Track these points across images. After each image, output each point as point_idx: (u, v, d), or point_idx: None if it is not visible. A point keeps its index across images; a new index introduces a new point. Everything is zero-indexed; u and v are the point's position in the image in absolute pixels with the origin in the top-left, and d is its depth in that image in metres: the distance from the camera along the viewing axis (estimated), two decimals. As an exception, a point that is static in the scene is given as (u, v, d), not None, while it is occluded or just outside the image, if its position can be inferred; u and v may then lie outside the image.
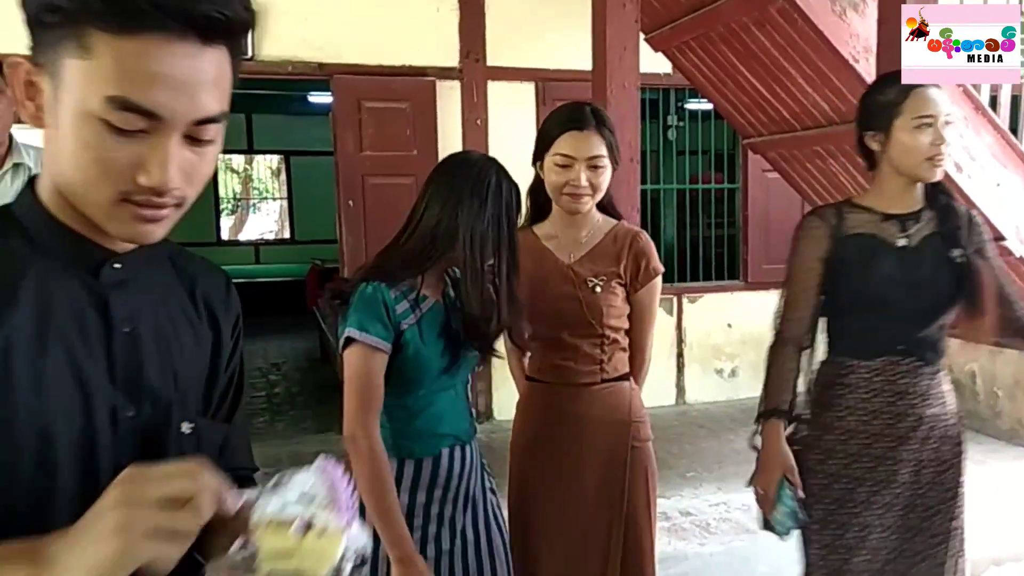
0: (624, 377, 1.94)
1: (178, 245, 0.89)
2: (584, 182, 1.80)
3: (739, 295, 5.66)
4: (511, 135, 4.61)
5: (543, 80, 5.02)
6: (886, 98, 1.75)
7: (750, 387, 5.59)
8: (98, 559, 0.61)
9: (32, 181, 0.80)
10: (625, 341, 1.94)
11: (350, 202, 4.71)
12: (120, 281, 0.80)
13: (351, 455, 1.54)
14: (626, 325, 1.93)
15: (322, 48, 4.62)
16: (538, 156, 1.89)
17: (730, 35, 3.64)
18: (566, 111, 1.88)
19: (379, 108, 4.69)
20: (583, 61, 4.51)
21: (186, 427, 0.83)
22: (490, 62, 4.93)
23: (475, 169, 1.64)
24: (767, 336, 1.90)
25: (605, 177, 1.84)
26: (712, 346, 5.62)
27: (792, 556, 1.88)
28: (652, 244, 1.93)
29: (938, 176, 1.75)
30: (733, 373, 5.65)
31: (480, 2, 4.85)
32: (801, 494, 1.80)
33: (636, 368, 1.98)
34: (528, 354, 1.99)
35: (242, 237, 12.10)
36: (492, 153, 4.84)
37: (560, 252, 1.91)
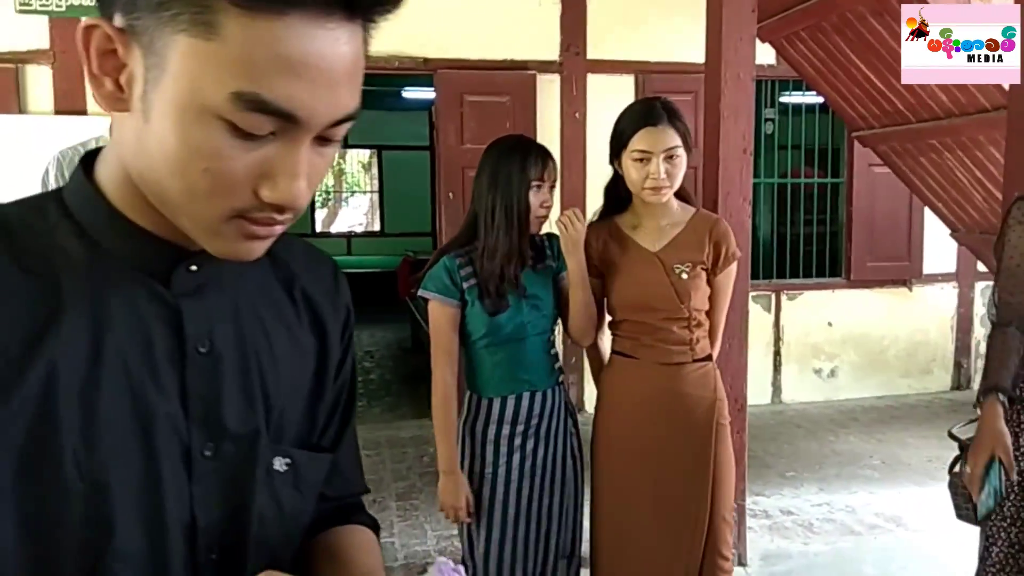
0: (709, 357, 2.05)
1: None
2: (662, 174, 1.91)
3: (841, 293, 5.49)
4: (609, 128, 4.59)
5: (643, 72, 5.00)
6: None
7: (850, 388, 5.44)
8: None
9: (88, 164, 0.63)
10: (707, 323, 2.04)
11: (450, 194, 4.80)
12: (196, 287, 0.64)
13: (432, 384, 1.94)
14: (707, 307, 2.03)
15: (427, 44, 4.72)
16: (615, 155, 2.01)
17: (844, 25, 3.53)
18: (638, 109, 2.00)
19: (480, 102, 4.76)
20: (684, 53, 4.48)
21: (280, 464, 0.68)
22: (590, 55, 4.94)
23: (490, 147, 1.96)
24: (870, 336, 1.88)
25: (681, 166, 1.94)
26: (811, 345, 5.47)
27: (898, 559, 1.84)
28: (730, 230, 2.04)
29: None
30: (832, 373, 5.49)
31: (582, -5, 4.87)
32: (1015, 476, 1.73)
33: (712, 348, 2.08)
34: (606, 332, 2.14)
35: (334, 229, 12.46)
36: (590, 146, 4.89)
37: (645, 241, 2.02)
